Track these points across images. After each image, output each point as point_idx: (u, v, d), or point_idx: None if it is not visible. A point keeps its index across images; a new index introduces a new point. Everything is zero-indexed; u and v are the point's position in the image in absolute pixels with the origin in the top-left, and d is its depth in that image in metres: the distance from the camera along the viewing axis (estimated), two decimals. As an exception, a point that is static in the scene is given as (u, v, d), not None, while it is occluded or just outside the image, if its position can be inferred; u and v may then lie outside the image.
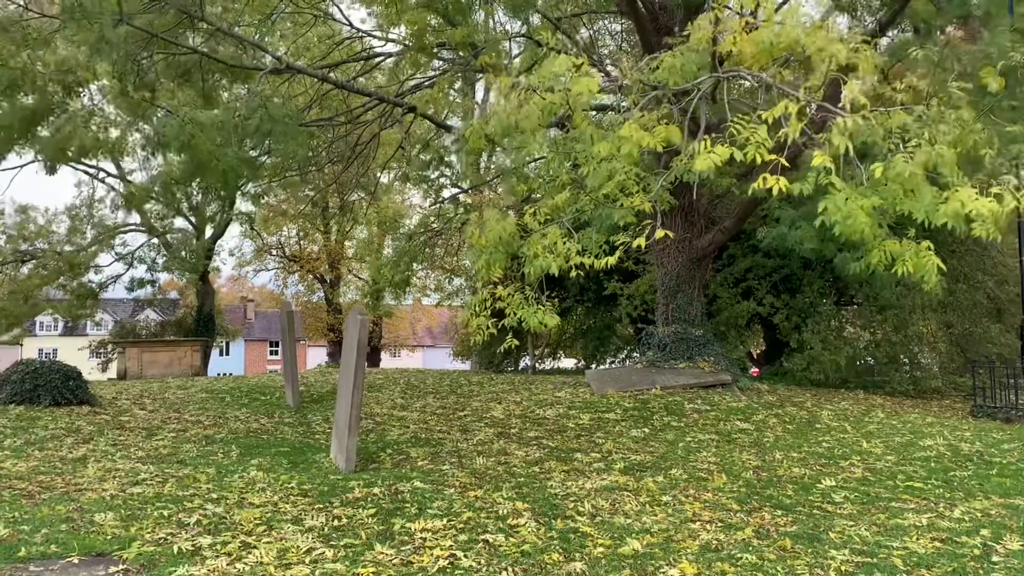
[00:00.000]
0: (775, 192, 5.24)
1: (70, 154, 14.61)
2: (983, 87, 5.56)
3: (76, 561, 4.79)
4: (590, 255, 6.58)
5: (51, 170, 15.19)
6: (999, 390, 13.03)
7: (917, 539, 5.44)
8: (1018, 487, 7.17)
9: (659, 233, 6.05)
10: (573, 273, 6.65)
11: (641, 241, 6.07)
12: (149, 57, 11.31)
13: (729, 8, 5.56)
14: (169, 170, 13.53)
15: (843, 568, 4.83)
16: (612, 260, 6.32)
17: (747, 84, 5.91)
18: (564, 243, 6.60)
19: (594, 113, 10.42)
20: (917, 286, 16.14)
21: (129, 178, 28.50)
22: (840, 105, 5.27)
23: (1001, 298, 17.59)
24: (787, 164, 5.21)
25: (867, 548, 5.24)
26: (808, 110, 5.35)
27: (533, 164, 12.57)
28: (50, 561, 4.79)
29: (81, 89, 11.03)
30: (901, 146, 5.28)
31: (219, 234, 30.93)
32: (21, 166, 24.02)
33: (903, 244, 5.30)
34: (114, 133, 16.79)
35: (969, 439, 9.57)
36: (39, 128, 12.02)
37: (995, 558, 5.08)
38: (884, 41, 12.45)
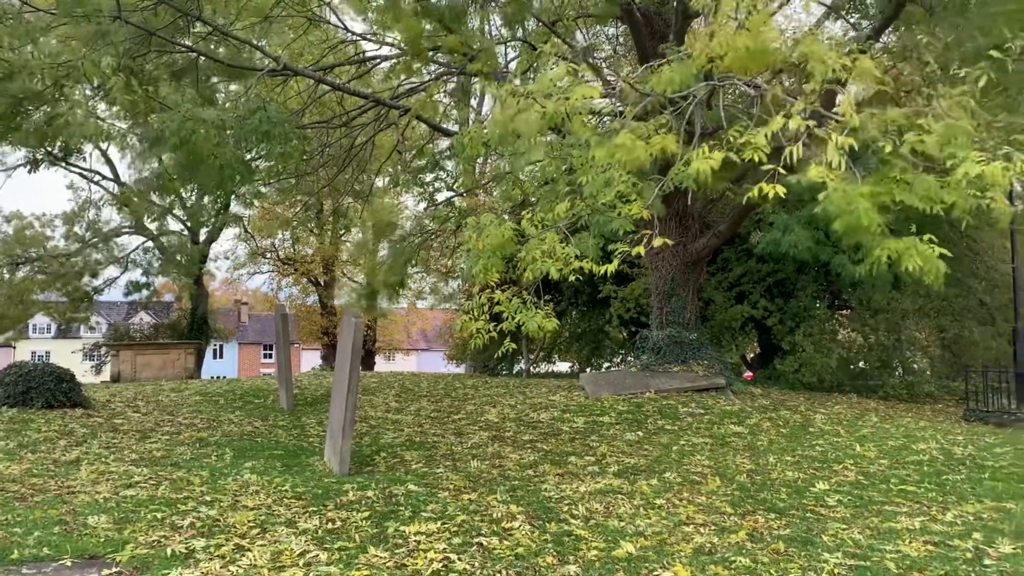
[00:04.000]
0: (771, 197, 5.24)
1: (59, 144, 14.49)
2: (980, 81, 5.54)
3: (69, 564, 4.78)
4: (589, 260, 6.58)
5: (35, 165, 15.13)
6: (991, 395, 13.08)
7: (910, 542, 5.46)
8: (1010, 491, 7.19)
9: (658, 241, 6.05)
10: (572, 278, 6.65)
11: (640, 249, 6.07)
12: (144, 55, 11.30)
13: (733, 18, 5.55)
14: (166, 167, 13.42)
15: (836, 571, 4.85)
16: (612, 268, 6.31)
17: (741, 90, 5.88)
18: (563, 248, 6.60)
19: (591, 118, 10.44)
20: (909, 290, 16.25)
21: (124, 180, 28.48)
22: (835, 111, 5.28)
23: (992, 304, 17.66)
24: (784, 171, 5.21)
25: (860, 551, 5.26)
26: (803, 116, 5.35)
27: (529, 168, 12.59)
28: (43, 564, 4.77)
29: (74, 83, 10.89)
30: (898, 140, 5.24)
31: (213, 237, 30.90)
32: (14, 167, 23.99)
33: (905, 240, 5.23)
34: (108, 125, 16.64)
35: (962, 443, 9.60)
36: (26, 117, 11.77)
37: (987, 561, 5.10)
38: (879, 45, 12.49)
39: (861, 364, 17.49)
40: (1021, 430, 11.45)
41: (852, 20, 13.82)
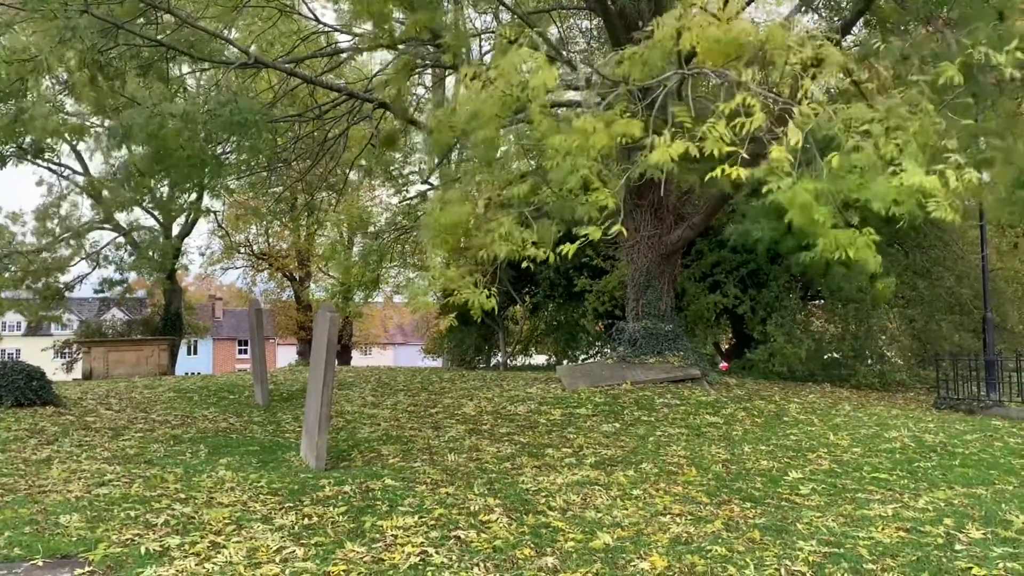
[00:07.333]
0: (732, 176, 5.25)
1: (29, 140, 14.21)
2: (942, 83, 5.61)
3: (40, 564, 4.71)
4: (545, 247, 6.48)
5: (1, 161, 14.90)
6: (961, 382, 13.26)
7: (882, 529, 5.53)
8: (980, 477, 7.31)
9: (616, 227, 5.98)
10: (524, 264, 6.59)
11: (598, 232, 5.95)
12: (111, 49, 11.11)
13: (697, 7, 5.56)
14: (133, 160, 13.17)
15: (811, 559, 4.90)
16: (571, 249, 5.98)
17: (714, 81, 5.89)
18: (520, 232, 6.50)
19: (562, 109, 10.41)
20: (878, 281, 16.42)
21: (93, 174, 28.03)
22: (797, 100, 5.31)
23: (962, 293, 17.91)
24: (747, 156, 5.23)
25: (834, 539, 5.32)
26: (772, 104, 5.37)
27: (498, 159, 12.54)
28: (13, 564, 4.70)
29: (38, 77, 10.68)
30: (861, 138, 5.30)
31: (187, 232, 30.57)
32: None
33: (847, 233, 5.30)
34: (76, 120, 16.28)
35: (933, 430, 9.74)
36: None
37: (958, 546, 5.18)
38: (849, 39, 12.62)
39: (834, 354, 17.67)
40: (990, 417, 11.64)
41: (823, 14, 13.96)
